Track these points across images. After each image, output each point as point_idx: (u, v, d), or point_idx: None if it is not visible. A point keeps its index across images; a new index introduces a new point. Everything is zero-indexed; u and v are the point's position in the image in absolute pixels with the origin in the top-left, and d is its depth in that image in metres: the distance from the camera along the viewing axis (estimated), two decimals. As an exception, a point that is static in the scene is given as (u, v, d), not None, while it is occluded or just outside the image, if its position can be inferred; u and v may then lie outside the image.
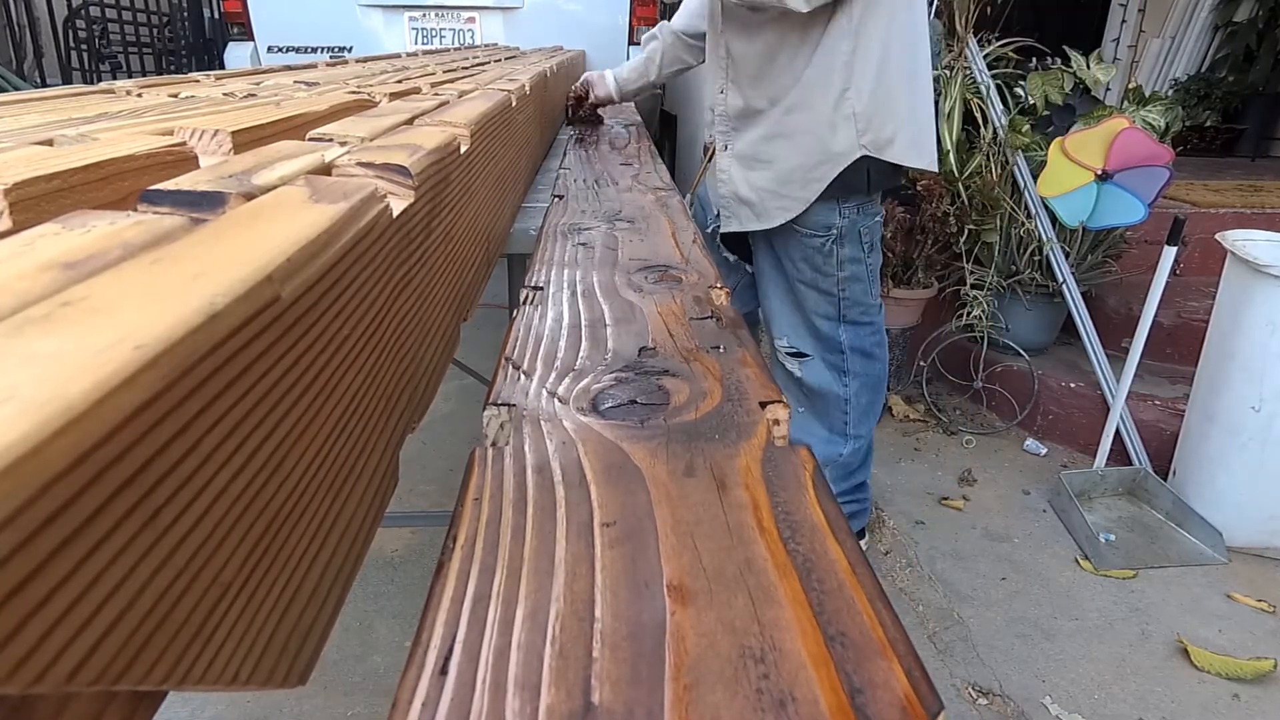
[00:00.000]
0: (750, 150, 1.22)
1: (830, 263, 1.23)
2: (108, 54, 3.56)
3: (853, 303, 1.27)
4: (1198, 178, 2.93)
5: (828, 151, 1.15)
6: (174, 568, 0.17)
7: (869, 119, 1.13)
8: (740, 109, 1.21)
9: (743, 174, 1.23)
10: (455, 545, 0.23)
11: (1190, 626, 1.39)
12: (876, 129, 1.14)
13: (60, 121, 0.42)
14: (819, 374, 1.32)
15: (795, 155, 1.17)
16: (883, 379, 1.37)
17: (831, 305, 1.27)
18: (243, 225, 0.23)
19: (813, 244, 1.23)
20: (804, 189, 1.17)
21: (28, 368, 0.14)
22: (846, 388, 1.32)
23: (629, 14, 2.85)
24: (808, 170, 1.17)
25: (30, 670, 0.13)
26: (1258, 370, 1.51)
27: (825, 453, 1.36)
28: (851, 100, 1.12)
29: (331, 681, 1.25)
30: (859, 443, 1.37)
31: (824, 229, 1.21)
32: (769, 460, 0.27)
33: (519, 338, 0.40)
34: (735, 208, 1.26)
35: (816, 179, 1.17)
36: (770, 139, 1.19)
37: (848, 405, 1.33)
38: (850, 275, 1.24)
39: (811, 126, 1.15)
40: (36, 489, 0.13)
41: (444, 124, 0.48)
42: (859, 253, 1.24)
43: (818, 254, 1.23)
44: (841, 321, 1.28)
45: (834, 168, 1.15)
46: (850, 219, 1.21)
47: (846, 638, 0.19)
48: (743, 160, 1.23)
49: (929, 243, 2.10)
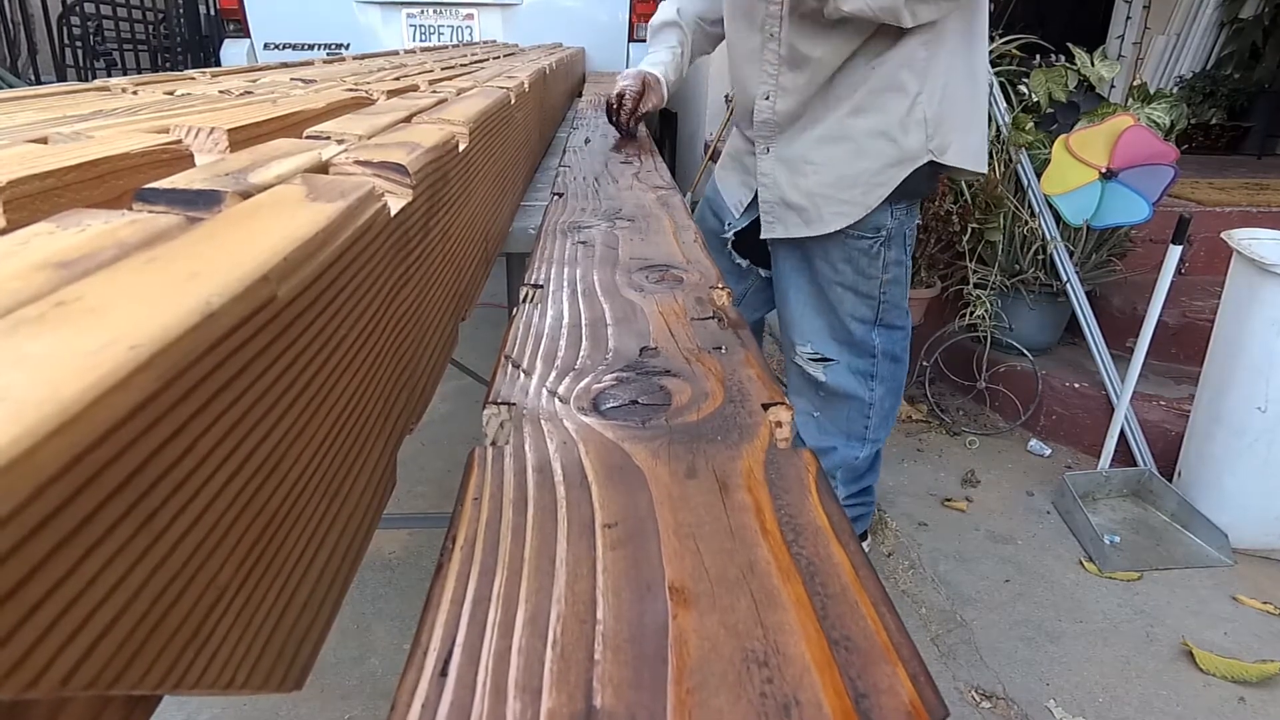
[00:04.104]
0: (800, 153, 1.18)
1: (875, 265, 1.21)
2: (102, 51, 3.56)
3: (891, 305, 1.25)
4: (1203, 176, 2.92)
5: (897, 156, 1.13)
6: (169, 570, 0.17)
7: (938, 123, 1.12)
8: (792, 112, 1.18)
9: (789, 178, 1.20)
10: (455, 546, 0.23)
11: (1196, 629, 1.39)
12: (944, 133, 1.12)
13: (55, 119, 0.42)
14: (844, 379, 1.30)
15: (860, 159, 1.14)
16: (904, 382, 1.36)
17: (869, 308, 1.25)
18: (239, 224, 0.23)
19: (859, 246, 1.20)
20: (867, 194, 1.15)
21: (21, 368, 0.14)
22: (873, 392, 1.30)
23: (629, 10, 2.84)
24: (874, 174, 1.14)
25: (24, 675, 0.13)
26: (1264, 370, 1.50)
27: (843, 457, 1.34)
28: (923, 104, 1.11)
29: (329, 685, 1.25)
30: (875, 446, 1.36)
31: (874, 231, 1.19)
32: (772, 462, 0.27)
33: (519, 336, 0.39)
34: (781, 213, 1.22)
35: (882, 183, 1.14)
36: (828, 142, 1.16)
37: (870, 410, 1.32)
38: (893, 278, 1.23)
39: (882, 130, 1.13)
40: (30, 492, 0.13)
41: (442, 122, 0.48)
42: (902, 255, 1.23)
43: (864, 256, 1.21)
44: (877, 325, 1.26)
45: (901, 171, 1.13)
46: (899, 220, 1.19)
47: (851, 642, 0.19)
48: (789, 164, 1.20)
49: (932, 241, 2.10)
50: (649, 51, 1.39)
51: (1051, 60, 2.23)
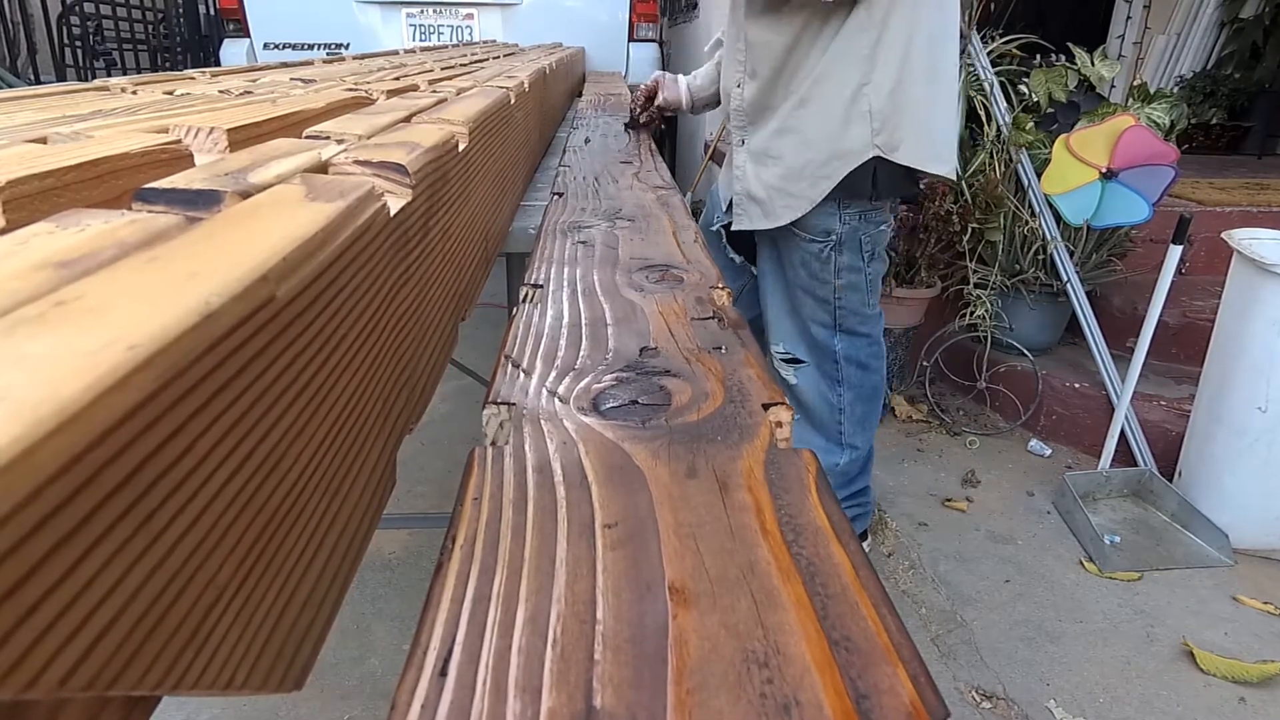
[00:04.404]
0: (762, 146, 1.19)
1: (828, 270, 1.21)
2: (102, 51, 3.56)
3: (849, 312, 1.24)
4: (1203, 176, 2.92)
5: (839, 148, 1.12)
6: (169, 571, 0.17)
7: (885, 118, 1.10)
8: (755, 102, 1.19)
9: (755, 170, 1.21)
10: (455, 545, 0.23)
11: (1196, 629, 1.39)
12: (892, 129, 1.11)
13: (54, 119, 0.41)
14: (813, 382, 1.30)
15: (805, 151, 1.15)
16: (879, 389, 1.35)
17: (827, 313, 1.25)
18: (238, 224, 0.23)
19: (810, 249, 1.20)
20: (812, 187, 1.15)
21: (21, 368, 0.14)
22: (840, 398, 1.30)
23: (629, 10, 2.85)
24: (817, 167, 1.14)
25: (23, 675, 0.13)
26: (1264, 370, 1.50)
27: (823, 462, 1.34)
28: (869, 96, 1.10)
29: (328, 685, 1.25)
30: (856, 452, 1.35)
31: (823, 234, 1.19)
32: (772, 462, 0.27)
33: (519, 336, 0.39)
34: (746, 205, 1.24)
35: (825, 176, 1.14)
36: (781, 134, 1.17)
37: (842, 415, 1.31)
38: (847, 284, 1.22)
39: (824, 121, 1.12)
40: (29, 491, 0.13)
41: (442, 122, 0.48)
42: (858, 261, 1.21)
43: (815, 260, 1.21)
44: (837, 330, 1.26)
45: (844, 165, 1.13)
46: (851, 225, 1.18)
47: (851, 643, 0.19)
48: (755, 156, 1.21)
49: (932, 241, 2.10)
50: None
51: (1052, 60, 2.23)
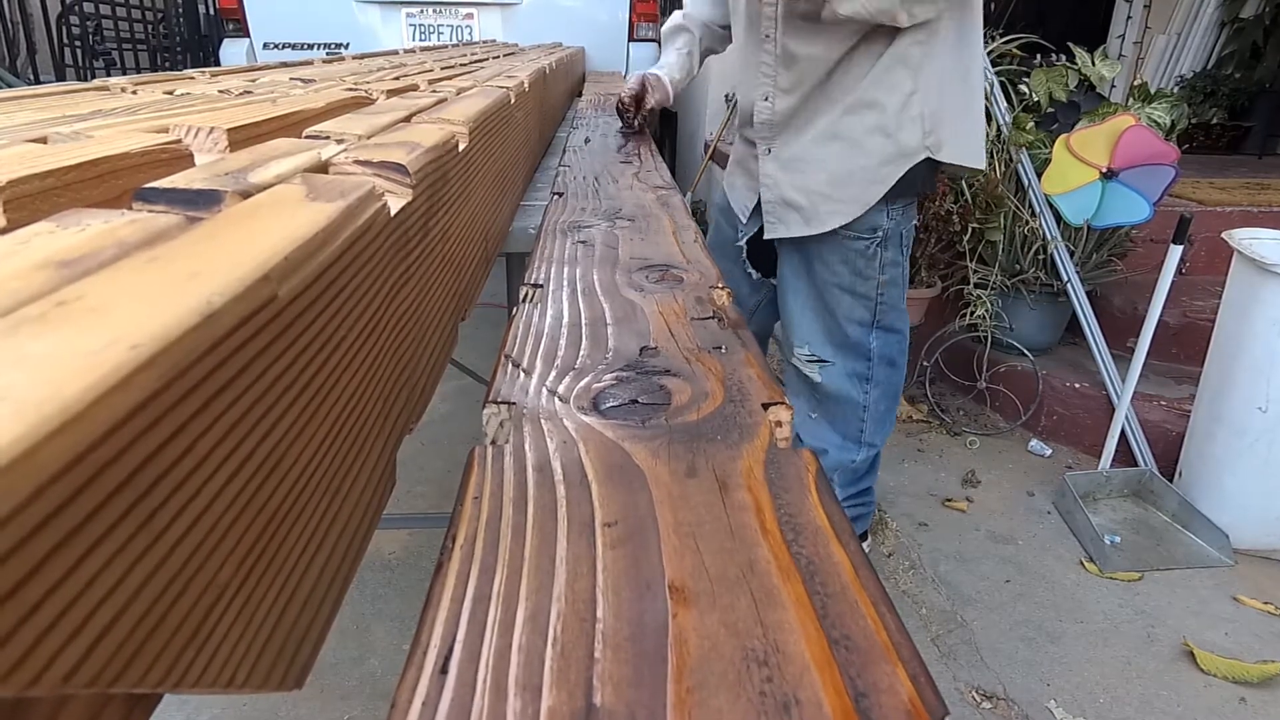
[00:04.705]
0: (798, 154, 1.20)
1: (873, 266, 1.22)
2: (101, 51, 3.56)
3: (889, 307, 1.26)
4: (1204, 175, 2.92)
5: (894, 153, 1.14)
6: (170, 569, 0.17)
7: (935, 120, 1.12)
8: (790, 112, 1.19)
9: (789, 177, 1.21)
10: (455, 545, 0.23)
11: (1196, 629, 1.39)
12: (940, 130, 1.13)
13: (54, 119, 0.41)
14: (839, 381, 1.30)
15: (857, 157, 1.15)
16: (900, 388, 1.36)
17: (867, 310, 1.25)
18: (239, 224, 0.23)
19: (856, 247, 1.21)
20: (864, 191, 1.16)
21: (22, 368, 0.14)
22: (867, 395, 1.31)
23: (629, 10, 2.84)
24: (870, 171, 1.15)
25: (26, 672, 0.13)
26: (1265, 370, 1.50)
27: (838, 459, 1.35)
28: (919, 101, 1.11)
29: (328, 685, 1.25)
30: (871, 450, 1.36)
31: (870, 231, 1.19)
32: (772, 462, 0.27)
33: (519, 335, 0.39)
34: (782, 212, 1.24)
35: (879, 180, 1.15)
36: (824, 140, 1.17)
37: (865, 413, 1.32)
38: (890, 279, 1.23)
39: (878, 126, 1.13)
40: (31, 491, 0.13)
41: (442, 121, 0.48)
42: (899, 256, 1.23)
43: (860, 257, 1.21)
44: (875, 327, 1.27)
45: (898, 169, 1.14)
46: (896, 221, 1.20)
47: (851, 641, 0.19)
48: (787, 164, 1.21)
49: (932, 241, 2.10)
50: (662, 55, 1.45)
51: (1052, 60, 2.23)
